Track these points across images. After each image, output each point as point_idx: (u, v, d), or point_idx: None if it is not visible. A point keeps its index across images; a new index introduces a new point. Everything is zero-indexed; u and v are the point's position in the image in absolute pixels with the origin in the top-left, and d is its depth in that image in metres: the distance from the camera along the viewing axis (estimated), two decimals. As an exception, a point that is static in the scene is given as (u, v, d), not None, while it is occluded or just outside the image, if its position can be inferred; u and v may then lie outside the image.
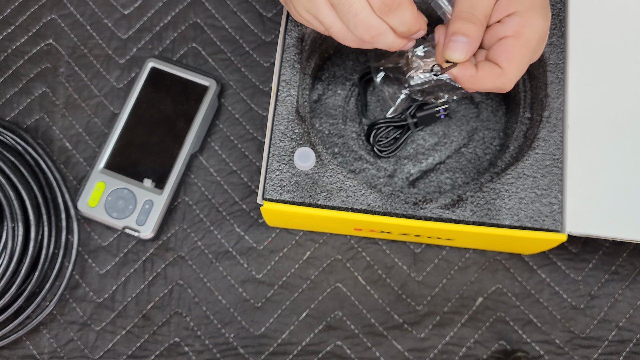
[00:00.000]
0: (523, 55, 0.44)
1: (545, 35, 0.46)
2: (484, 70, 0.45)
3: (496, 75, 0.44)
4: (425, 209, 0.51)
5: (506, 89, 0.45)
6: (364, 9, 0.43)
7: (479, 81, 0.45)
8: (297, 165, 0.51)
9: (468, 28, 0.44)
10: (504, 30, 0.44)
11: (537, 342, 0.59)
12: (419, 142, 0.60)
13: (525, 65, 0.45)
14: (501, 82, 0.45)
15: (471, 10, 0.44)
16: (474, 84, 0.45)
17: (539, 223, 0.51)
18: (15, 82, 0.65)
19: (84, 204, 0.60)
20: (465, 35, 0.44)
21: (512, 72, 0.44)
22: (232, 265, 0.60)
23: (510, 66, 0.44)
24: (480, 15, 0.44)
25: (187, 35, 0.66)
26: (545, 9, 0.46)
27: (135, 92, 0.62)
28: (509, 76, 0.44)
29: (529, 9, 0.44)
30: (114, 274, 0.60)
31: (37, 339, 0.59)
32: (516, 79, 0.45)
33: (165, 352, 0.59)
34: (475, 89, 0.46)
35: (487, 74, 0.45)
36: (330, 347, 0.59)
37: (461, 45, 0.44)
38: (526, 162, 0.52)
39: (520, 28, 0.44)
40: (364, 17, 0.43)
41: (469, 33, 0.44)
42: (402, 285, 0.60)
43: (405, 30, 0.44)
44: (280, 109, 0.53)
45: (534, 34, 0.44)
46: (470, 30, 0.44)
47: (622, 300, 0.59)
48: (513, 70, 0.44)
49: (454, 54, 0.44)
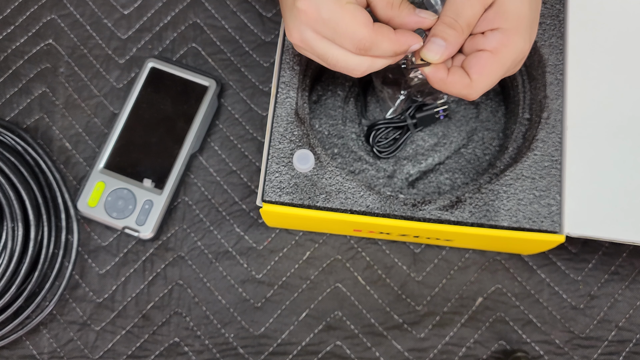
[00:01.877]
0: (495, 72, 0.45)
1: (524, 56, 0.47)
2: (454, 77, 0.46)
3: (464, 84, 0.46)
4: (424, 211, 0.52)
5: (471, 98, 0.47)
6: (339, 56, 0.46)
7: (446, 85, 0.46)
8: (296, 167, 0.51)
9: (448, 33, 0.45)
10: (484, 43, 0.45)
11: (536, 342, 0.59)
12: (418, 142, 0.60)
13: (495, 80, 0.46)
14: (467, 92, 0.46)
15: (455, 17, 0.45)
16: (442, 87, 0.47)
17: (537, 224, 0.51)
18: (15, 82, 0.65)
19: (83, 204, 0.60)
20: (444, 39, 0.45)
21: (479, 85, 0.46)
22: (232, 265, 0.60)
23: (479, 79, 0.45)
24: (462, 23, 0.45)
25: (186, 35, 0.66)
26: (530, 30, 0.47)
27: (135, 92, 0.63)
28: (476, 88, 0.46)
29: (513, 28, 0.45)
30: (114, 274, 0.60)
31: (37, 339, 0.59)
32: (482, 92, 0.46)
33: (165, 352, 0.59)
34: (443, 90, 0.47)
35: (456, 80, 0.46)
36: (330, 347, 0.59)
37: (437, 48, 0.45)
38: (525, 164, 0.52)
39: (500, 45, 0.45)
40: (345, 64, 0.46)
41: (448, 38, 0.45)
42: (401, 286, 0.60)
43: (392, 54, 0.46)
44: (279, 111, 0.53)
45: (511, 54, 0.45)
46: (449, 36, 0.45)
47: (622, 300, 0.59)
48: (481, 84, 0.46)
49: (429, 54, 0.46)
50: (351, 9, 0.44)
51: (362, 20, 0.44)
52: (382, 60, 0.47)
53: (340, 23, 0.45)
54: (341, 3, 0.44)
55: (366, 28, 0.45)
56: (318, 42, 0.46)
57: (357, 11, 0.45)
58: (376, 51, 0.45)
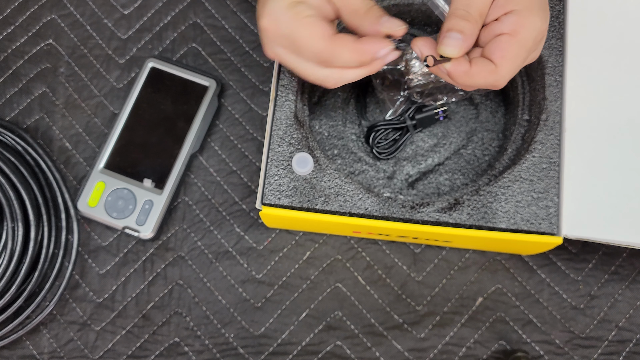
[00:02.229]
0: (518, 54, 0.44)
1: (543, 35, 0.46)
2: (477, 66, 0.45)
3: (489, 71, 0.44)
4: (422, 213, 0.52)
5: (499, 85, 0.45)
6: (307, 69, 0.46)
7: (471, 77, 0.45)
8: (295, 170, 0.51)
9: (463, 25, 0.44)
10: (501, 27, 0.44)
11: (537, 342, 0.59)
12: (418, 143, 0.60)
13: (520, 63, 0.45)
14: (494, 78, 0.45)
15: (466, 9, 0.44)
16: (467, 80, 0.45)
17: (535, 226, 0.51)
18: (15, 82, 0.65)
19: (83, 204, 0.60)
20: (460, 32, 0.44)
21: (505, 68, 0.44)
22: (232, 265, 0.60)
23: (503, 63, 0.44)
24: (475, 13, 0.44)
25: (187, 35, 0.66)
26: (543, 9, 0.46)
27: (135, 92, 0.63)
28: (502, 72, 0.44)
29: (527, 8, 0.44)
30: (114, 274, 0.60)
31: (37, 339, 0.59)
32: (509, 77, 0.45)
33: (165, 352, 0.59)
34: (468, 84, 0.46)
35: (480, 69, 0.45)
36: (330, 347, 0.59)
37: (455, 42, 0.44)
38: (523, 165, 0.52)
39: (517, 27, 0.44)
40: (315, 77, 0.47)
41: (464, 30, 0.44)
42: (402, 285, 0.60)
43: (357, 64, 0.46)
44: (278, 114, 0.53)
45: (530, 33, 0.44)
46: (465, 28, 0.44)
47: (622, 300, 0.59)
48: (506, 67, 0.44)
49: (448, 49, 0.44)
50: (308, 22, 0.45)
51: (319, 32, 0.44)
52: (354, 71, 0.46)
53: (298, 37, 0.45)
54: (299, 17, 0.45)
55: (323, 40, 0.44)
56: (287, 57, 0.47)
57: (314, 24, 0.45)
58: (338, 62, 0.45)
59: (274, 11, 0.45)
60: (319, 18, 0.45)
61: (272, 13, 0.45)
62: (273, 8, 0.45)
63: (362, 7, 0.45)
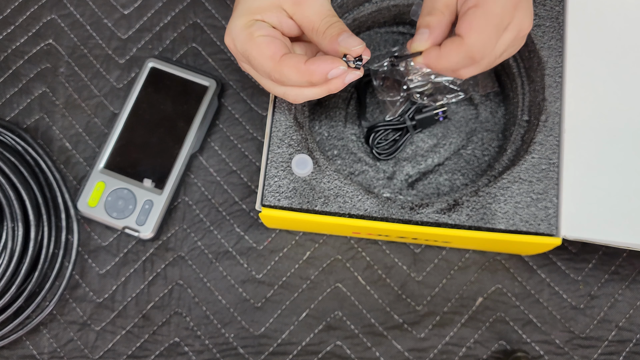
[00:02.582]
0: (485, 23, 0.44)
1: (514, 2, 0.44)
2: (446, 46, 0.45)
3: (457, 45, 0.44)
4: (422, 214, 0.52)
5: (476, 57, 0.44)
6: (266, 84, 0.48)
7: (443, 57, 0.45)
8: (294, 171, 0.52)
9: (428, 20, 0.45)
10: (467, 4, 0.44)
11: (537, 342, 0.59)
12: (418, 143, 0.60)
13: (490, 32, 0.44)
14: (465, 51, 0.44)
15: (432, 4, 0.46)
16: (441, 62, 0.45)
17: (534, 227, 0.51)
18: (15, 82, 0.65)
19: (83, 204, 0.60)
20: (427, 26, 0.45)
21: (472, 38, 0.43)
22: (232, 265, 0.60)
23: (470, 34, 0.43)
24: (440, 6, 0.45)
25: (187, 35, 0.66)
26: None
27: (135, 92, 0.63)
28: (470, 42, 0.43)
29: None
30: (114, 274, 0.60)
31: (37, 339, 0.59)
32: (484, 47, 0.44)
33: (165, 352, 0.59)
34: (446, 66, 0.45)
35: (449, 48, 0.45)
36: (330, 347, 0.59)
37: (422, 36, 0.46)
38: (522, 166, 0.52)
39: None
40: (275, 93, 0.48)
41: (430, 24, 0.45)
42: (402, 285, 0.60)
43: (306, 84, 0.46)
44: (278, 116, 0.53)
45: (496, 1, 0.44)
46: (430, 21, 0.45)
47: (622, 300, 0.59)
48: (473, 37, 0.43)
49: (414, 44, 0.46)
50: (259, 42, 0.45)
51: (267, 52, 0.45)
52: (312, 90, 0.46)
53: (250, 56, 0.46)
54: (252, 36, 0.45)
55: (271, 61, 0.45)
56: (251, 72, 0.48)
57: (264, 43, 0.45)
58: (288, 82, 0.46)
59: (233, 30, 0.46)
60: (271, 37, 0.45)
61: (231, 32, 0.46)
62: (232, 26, 0.46)
63: (322, 25, 0.45)
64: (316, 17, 0.45)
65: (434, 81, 0.56)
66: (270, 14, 0.46)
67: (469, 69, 0.46)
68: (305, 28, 0.46)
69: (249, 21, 0.46)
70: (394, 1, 0.57)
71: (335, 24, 0.45)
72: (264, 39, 0.45)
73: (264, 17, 0.46)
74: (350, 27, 0.58)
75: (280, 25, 0.47)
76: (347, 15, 0.57)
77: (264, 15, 0.46)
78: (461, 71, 0.46)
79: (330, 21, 0.45)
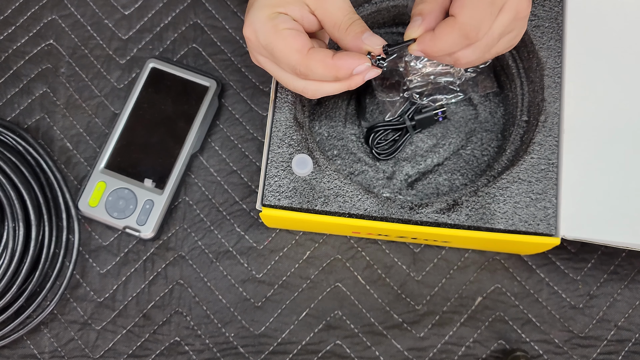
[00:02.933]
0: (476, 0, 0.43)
1: None
2: (440, 27, 0.44)
3: (450, 24, 0.43)
4: (421, 214, 0.52)
5: (471, 35, 0.44)
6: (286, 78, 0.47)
7: (438, 39, 0.44)
8: (295, 171, 0.52)
9: (420, 8, 0.45)
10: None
11: (536, 342, 0.59)
12: (417, 144, 0.60)
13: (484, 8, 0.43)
14: (458, 29, 0.43)
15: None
16: (437, 44, 0.45)
17: (533, 227, 0.52)
18: (16, 83, 0.65)
19: (84, 204, 0.60)
20: (419, 14, 0.45)
21: (464, 16, 0.43)
22: (232, 265, 0.61)
23: (462, 11, 0.43)
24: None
25: (187, 35, 0.66)
26: None
27: (135, 92, 0.63)
28: (463, 20, 0.43)
29: None
30: (115, 273, 0.61)
31: (37, 339, 0.59)
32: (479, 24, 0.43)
33: (166, 352, 0.59)
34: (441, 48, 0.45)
35: (442, 28, 0.44)
36: (330, 346, 0.59)
37: (415, 24, 0.45)
38: (521, 167, 0.53)
39: None
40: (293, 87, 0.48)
41: (422, 11, 0.45)
42: (401, 285, 0.60)
43: (332, 78, 0.46)
44: (278, 116, 0.53)
45: None
46: (422, 9, 0.45)
47: (621, 299, 0.60)
48: (465, 15, 0.43)
49: (408, 32, 0.46)
50: (285, 34, 0.45)
51: (295, 46, 0.45)
52: (332, 85, 0.47)
53: (275, 49, 0.45)
54: (277, 28, 0.45)
55: (298, 54, 0.45)
56: (268, 65, 0.48)
57: (291, 37, 0.45)
58: (313, 76, 0.46)
59: (255, 21, 0.46)
60: (297, 31, 0.45)
61: (253, 23, 0.46)
62: (254, 18, 0.46)
63: (345, 21, 0.45)
64: (339, 13, 0.45)
65: (433, 81, 0.56)
66: (293, 7, 0.46)
67: (466, 52, 0.45)
68: (327, 24, 0.46)
69: (273, 13, 0.45)
70: (394, 1, 0.57)
71: (357, 21, 0.45)
72: (290, 32, 0.45)
73: (287, 10, 0.46)
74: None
75: (302, 20, 0.46)
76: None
77: (287, 9, 0.46)
78: (458, 54, 0.46)
79: (353, 18, 0.45)
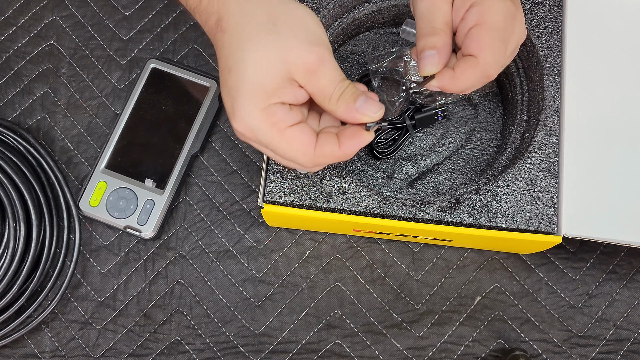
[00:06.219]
0: (493, 38, 0.44)
1: (511, 12, 0.45)
2: (460, 67, 0.45)
3: (471, 66, 0.44)
4: (423, 212, 0.52)
5: (491, 75, 0.45)
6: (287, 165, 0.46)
7: (459, 79, 0.45)
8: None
9: (433, 41, 0.45)
10: (468, 23, 0.44)
11: (535, 341, 0.59)
12: (417, 143, 0.60)
13: (500, 47, 0.44)
14: (480, 70, 0.44)
15: (431, 24, 0.45)
16: (458, 84, 0.45)
17: (535, 225, 0.52)
18: (16, 83, 0.65)
19: (85, 204, 0.60)
20: (432, 47, 0.44)
21: (486, 56, 0.44)
22: (233, 265, 0.61)
23: (482, 52, 0.44)
24: (439, 25, 0.45)
25: (187, 36, 0.66)
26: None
27: (136, 92, 0.63)
28: (485, 61, 0.44)
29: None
30: (115, 273, 0.61)
31: (38, 338, 0.59)
32: (497, 64, 0.45)
33: (166, 351, 0.59)
34: (461, 87, 0.45)
35: (463, 68, 0.44)
36: (330, 345, 0.59)
37: (431, 59, 0.45)
38: (522, 165, 0.53)
39: (481, 15, 0.44)
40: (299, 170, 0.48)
41: (435, 44, 0.44)
42: (401, 284, 0.60)
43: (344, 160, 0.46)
44: None
45: (497, 15, 0.44)
46: (435, 42, 0.44)
47: (620, 299, 0.60)
48: (486, 55, 0.44)
49: (427, 68, 0.45)
50: (289, 136, 0.43)
51: (302, 148, 0.43)
52: None
53: (279, 150, 0.43)
54: (279, 128, 0.42)
55: (305, 156, 0.43)
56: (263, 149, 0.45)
57: (296, 138, 0.43)
58: (323, 166, 0.46)
59: (248, 119, 0.42)
60: (300, 129, 0.43)
61: (246, 121, 0.42)
62: (245, 114, 0.42)
63: (335, 93, 0.43)
64: (329, 86, 0.43)
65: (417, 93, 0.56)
66: (285, 91, 0.42)
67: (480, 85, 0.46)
68: (317, 97, 0.43)
69: (267, 107, 0.42)
70: (394, 1, 0.58)
71: (347, 88, 0.43)
72: (293, 132, 0.43)
73: (282, 98, 0.42)
74: (350, 27, 0.58)
75: (296, 100, 0.43)
76: (347, 15, 0.57)
77: (281, 96, 0.42)
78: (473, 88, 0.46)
79: (342, 87, 0.43)
